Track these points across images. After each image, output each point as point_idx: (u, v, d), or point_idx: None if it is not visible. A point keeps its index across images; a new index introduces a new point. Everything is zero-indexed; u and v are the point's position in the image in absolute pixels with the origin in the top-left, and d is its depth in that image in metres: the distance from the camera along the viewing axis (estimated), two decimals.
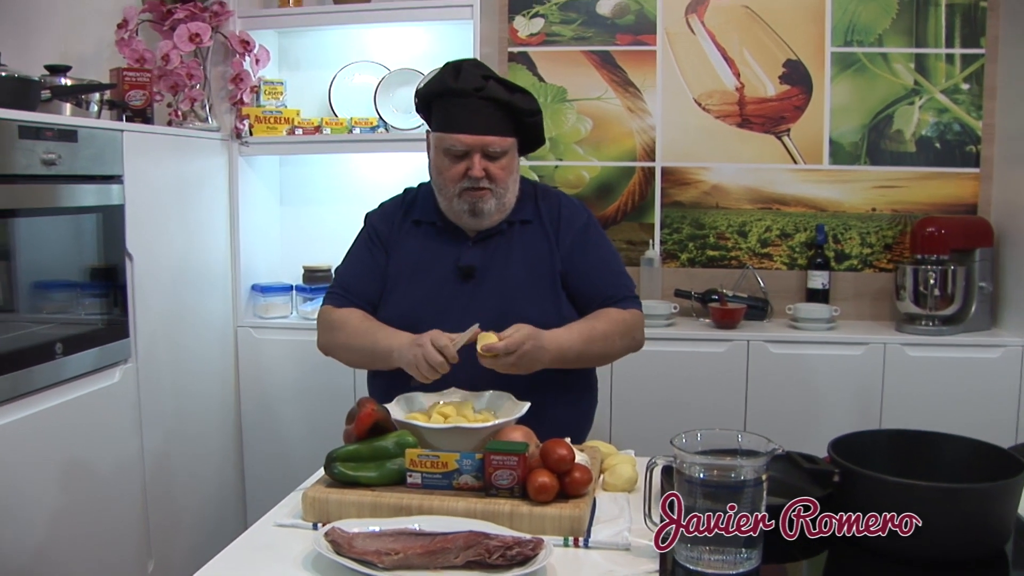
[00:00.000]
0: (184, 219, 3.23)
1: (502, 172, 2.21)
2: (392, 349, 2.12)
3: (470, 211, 2.23)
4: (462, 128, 2.17)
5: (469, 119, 2.17)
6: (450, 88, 2.18)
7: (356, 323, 2.26)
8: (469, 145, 2.17)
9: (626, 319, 2.28)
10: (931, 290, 3.41)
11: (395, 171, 3.65)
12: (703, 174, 3.77)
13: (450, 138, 2.18)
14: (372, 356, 2.21)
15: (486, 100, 2.16)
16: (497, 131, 2.18)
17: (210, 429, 3.41)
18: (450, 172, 2.21)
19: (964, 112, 3.61)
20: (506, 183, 2.23)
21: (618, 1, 3.75)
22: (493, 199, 2.22)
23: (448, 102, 2.20)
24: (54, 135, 2.52)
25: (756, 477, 1.43)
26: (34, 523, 2.43)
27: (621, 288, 2.32)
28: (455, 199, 2.23)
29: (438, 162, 2.24)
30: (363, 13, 3.54)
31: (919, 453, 1.70)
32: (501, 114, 2.18)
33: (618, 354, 2.33)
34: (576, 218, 2.35)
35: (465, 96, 2.16)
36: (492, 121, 2.18)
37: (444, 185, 2.23)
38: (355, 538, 1.53)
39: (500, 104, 2.17)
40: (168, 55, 3.25)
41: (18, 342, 2.42)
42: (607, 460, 1.94)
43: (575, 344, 2.17)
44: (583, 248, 2.32)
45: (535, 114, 2.24)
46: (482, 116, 2.17)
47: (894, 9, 3.61)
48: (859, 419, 3.26)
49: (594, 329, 2.21)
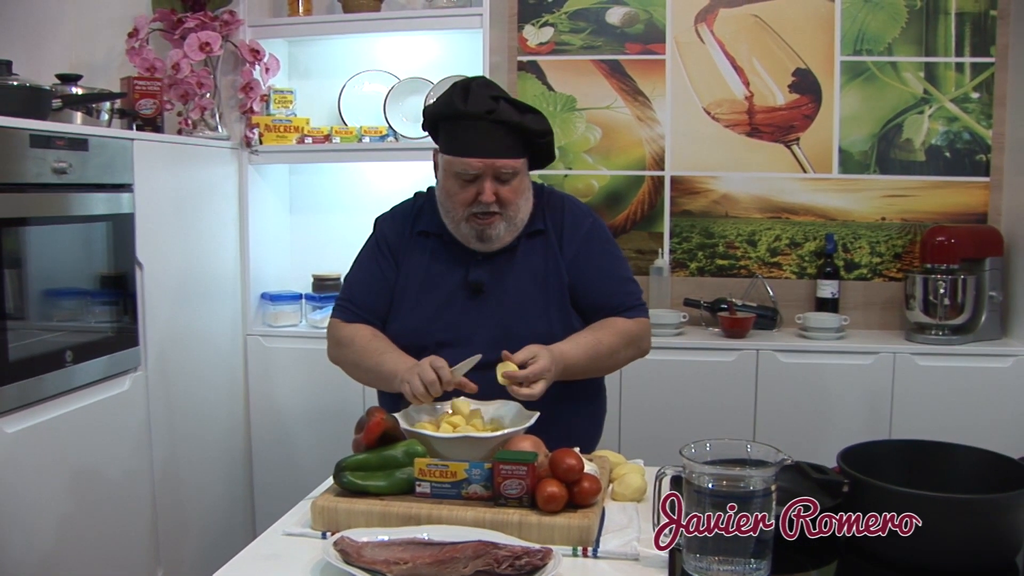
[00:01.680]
0: (194, 228, 3.24)
1: (513, 195, 2.17)
2: (396, 374, 2.08)
3: (478, 236, 2.19)
4: (473, 152, 2.12)
5: (480, 143, 2.11)
6: (459, 111, 2.11)
7: (364, 342, 2.23)
8: (480, 169, 2.12)
9: (631, 329, 2.26)
10: (941, 299, 3.40)
11: (405, 180, 3.64)
12: (712, 183, 3.77)
13: (460, 162, 2.13)
14: (377, 377, 2.20)
15: (497, 123, 2.11)
16: (508, 154, 2.13)
17: (219, 437, 3.42)
18: (459, 197, 2.16)
19: (974, 121, 3.60)
20: (517, 205, 2.19)
21: (627, 10, 3.76)
22: (503, 223, 2.18)
23: (457, 125, 2.14)
24: (65, 144, 2.53)
25: (765, 487, 1.42)
26: (44, 530, 2.43)
27: (627, 297, 2.30)
28: (462, 223, 2.19)
29: (447, 185, 2.19)
30: (373, 22, 3.54)
31: (929, 463, 1.70)
32: (512, 137, 2.13)
33: (624, 363, 2.31)
34: (580, 225, 2.31)
35: (476, 119, 2.10)
36: (503, 144, 2.12)
37: (452, 209, 2.19)
38: (364, 547, 1.53)
39: (511, 127, 2.12)
40: (178, 64, 3.27)
41: (28, 350, 2.42)
42: (616, 469, 1.94)
43: (581, 359, 2.15)
44: (587, 257, 2.29)
45: (546, 135, 2.19)
46: (493, 139, 2.11)
47: (903, 18, 3.61)
48: (869, 429, 3.25)
49: (600, 343, 2.19)
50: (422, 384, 1.96)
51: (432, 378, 1.95)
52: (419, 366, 2.00)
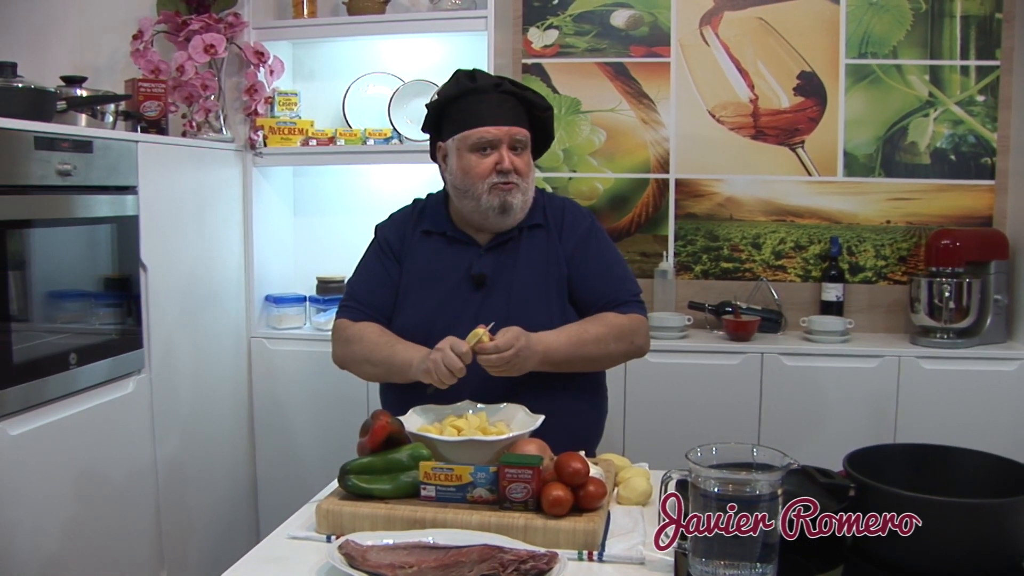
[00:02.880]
0: (198, 230, 3.24)
1: (525, 167, 2.28)
2: (410, 362, 2.14)
3: (500, 207, 2.25)
4: (488, 121, 2.24)
5: (494, 112, 2.25)
6: (469, 88, 2.26)
7: (374, 337, 2.27)
8: (496, 136, 2.23)
9: (623, 323, 2.27)
10: (946, 303, 3.39)
11: (409, 182, 3.65)
12: (717, 186, 3.76)
13: (476, 133, 2.24)
14: (389, 369, 2.23)
15: (506, 94, 2.27)
16: (519, 122, 2.28)
17: (223, 440, 3.42)
18: (479, 168, 2.24)
19: (979, 124, 3.59)
20: (528, 179, 2.29)
21: (632, 13, 3.75)
22: (520, 194, 2.27)
23: (469, 101, 2.27)
24: (69, 146, 2.53)
25: (771, 491, 1.42)
26: (48, 532, 2.43)
27: (622, 292, 2.32)
28: (484, 196, 2.25)
29: (464, 163, 2.26)
30: (377, 24, 3.55)
31: (934, 467, 1.69)
32: (521, 108, 2.29)
33: (616, 359, 2.32)
34: (579, 223, 2.37)
35: (486, 92, 2.26)
36: (514, 113, 2.27)
37: (472, 184, 2.25)
38: (369, 551, 1.53)
39: (519, 98, 2.29)
40: (183, 66, 3.27)
41: (33, 352, 2.42)
42: (621, 473, 1.93)
43: (563, 346, 2.18)
44: (585, 252, 2.33)
45: (547, 109, 2.35)
46: (504, 109, 2.26)
47: (908, 21, 3.61)
48: (873, 432, 3.24)
49: (585, 332, 2.22)
50: (448, 371, 2.02)
51: (459, 365, 2.02)
52: (441, 351, 2.04)
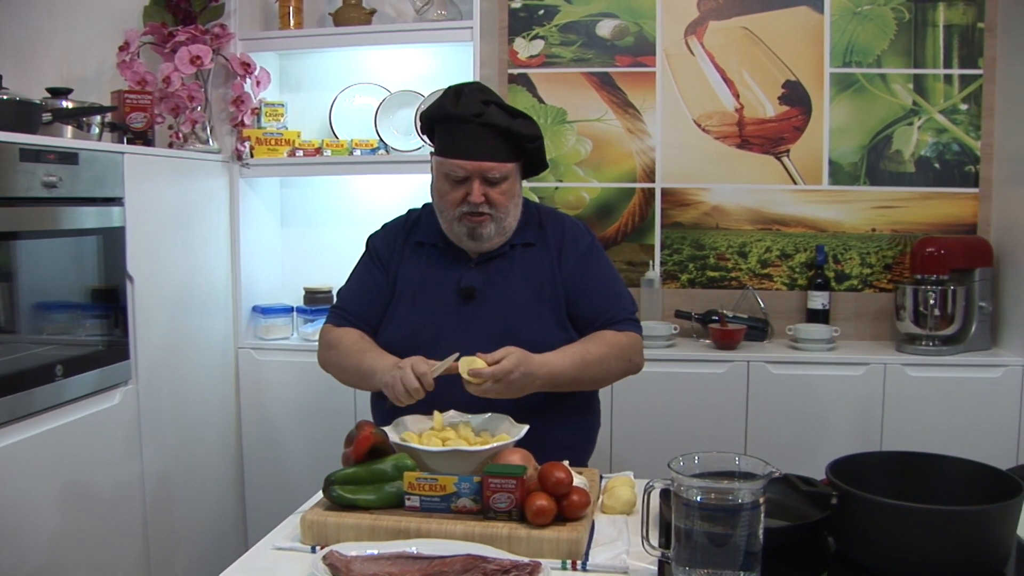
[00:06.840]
0: (185, 241, 3.24)
1: (502, 197, 2.22)
2: (376, 370, 2.13)
3: (469, 234, 2.24)
4: (461, 154, 2.18)
5: (468, 145, 2.17)
6: (449, 114, 2.19)
7: (349, 343, 2.28)
8: (468, 171, 2.18)
9: (622, 342, 2.27)
10: (931, 310, 3.41)
11: (396, 193, 3.66)
12: (703, 195, 3.78)
13: (449, 163, 2.20)
14: (359, 375, 2.23)
15: (486, 126, 2.17)
16: (497, 157, 2.19)
17: (210, 451, 3.41)
18: (450, 197, 2.22)
19: (963, 132, 3.62)
20: (506, 208, 2.24)
21: (618, 23, 3.77)
22: (492, 224, 2.23)
23: (448, 127, 2.21)
24: (55, 158, 2.53)
25: (754, 500, 1.42)
26: (34, 545, 2.42)
27: (620, 310, 2.31)
28: (455, 223, 2.24)
29: (439, 186, 2.26)
30: (363, 35, 3.55)
31: (918, 475, 1.70)
32: (501, 140, 2.18)
33: (615, 377, 2.31)
34: (580, 240, 2.36)
35: (464, 122, 2.17)
36: (491, 148, 2.18)
37: (445, 208, 2.25)
38: (353, 561, 1.53)
39: (500, 130, 2.17)
40: (169, 77, 3.27)
41: (18, 364, 2.42)
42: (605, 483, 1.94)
43: (567, 369, 2.15)
44: (584, 270, 2.32)
45: (536, 140, 2.24)
46: (481, 142, 2.17)
47: (892, 30, 3.63)
48: (860, 440, 3.25)
49: (588, 353, 2.20)
50: (404, 390, 1.99)
51: (415, 386, 1.99)
52: (401, 369, 2.02)
